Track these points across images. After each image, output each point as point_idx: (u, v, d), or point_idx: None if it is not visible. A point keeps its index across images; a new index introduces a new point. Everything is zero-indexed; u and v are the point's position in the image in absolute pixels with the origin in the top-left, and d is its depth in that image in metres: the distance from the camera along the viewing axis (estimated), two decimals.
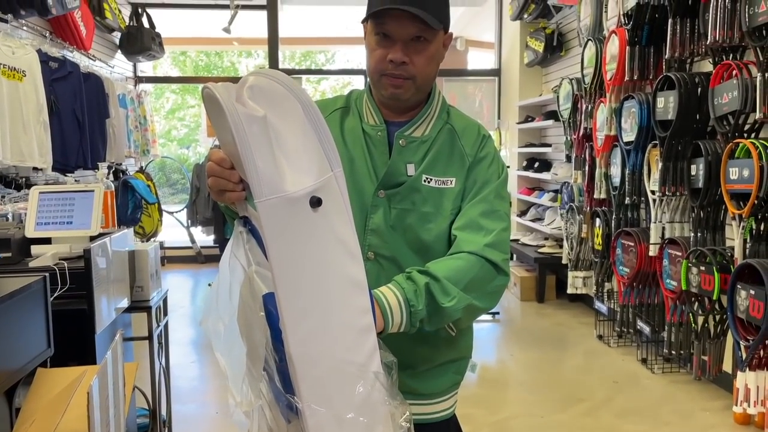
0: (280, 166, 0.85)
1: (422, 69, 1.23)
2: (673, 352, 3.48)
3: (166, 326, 2.70)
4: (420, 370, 1.31)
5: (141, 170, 6.55)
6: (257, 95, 0.87)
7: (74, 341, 1.89)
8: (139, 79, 7.26)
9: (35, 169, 4.26)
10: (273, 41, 6.99)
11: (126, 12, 6.60)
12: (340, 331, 0.90)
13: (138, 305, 2.42)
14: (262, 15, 6.96)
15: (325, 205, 0.87)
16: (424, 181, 1.28)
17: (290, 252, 0.86)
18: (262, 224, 0.85)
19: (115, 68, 6.34)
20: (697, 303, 3.24)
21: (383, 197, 1.27)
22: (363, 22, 1.25)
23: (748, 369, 2.71)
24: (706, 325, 3.21)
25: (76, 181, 3.57)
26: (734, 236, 2.89)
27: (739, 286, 2.75)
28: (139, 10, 6.50)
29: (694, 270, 3.13)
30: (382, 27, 1.20)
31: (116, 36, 6.41)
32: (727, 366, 3.24)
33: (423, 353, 1.30)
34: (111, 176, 5.61)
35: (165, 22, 7.11)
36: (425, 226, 1.27)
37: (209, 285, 6.06)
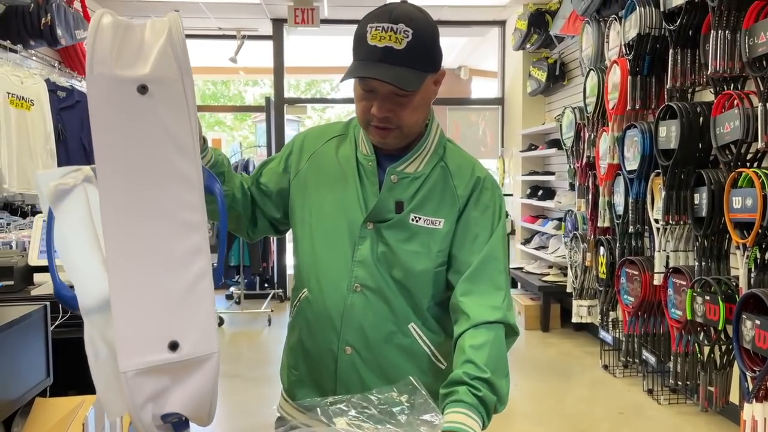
0: (120, 55, 0.88)
1: (408, 119, 1.22)
2: (680, 382, 3.43)
3: None
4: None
5: None
6: (143, 22, 0.95)
7: (74, 370, 1.88)
8: None
9: None
10: (278, 70, 7.07)
11: None
12: (158, 218, 0.88)
13: None
14: (268, 45, 7.06)
15: (155, 93, 0.89)
16: (412, 219, 1.26)
17: (111, 131, 0.87)
18: (89, 99, 0.88)
19: None
20: (702, 333, 3.20)
21: (371, 229, 1.26)
22: (342, 80, 1.22)
23: (755, 400, 2.67)
24: (712, 355, 3.18)
25: None
26: (739, 265, 2.87)
27: (744, 316, 2.72)
28: None
29: (699, 299, 3.11)
30: (363, 82, 1.19)
31: None
32: (734, 397, 3.19)
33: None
34: None
35: None
36: (410, 264, 1.25)
37: None
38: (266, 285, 7.04)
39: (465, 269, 1.24)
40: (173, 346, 0.86)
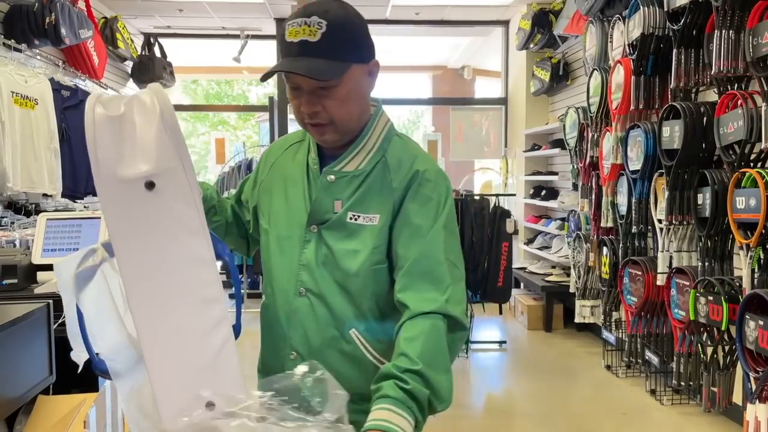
0: (122, 155, 0.93)
1: (337, 112, 1.18)
2: (683, 383, 3.43)
3: None
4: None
5: None
6: (130, 101, 0.97)
7: (76, 368, 1.89)
8: None
9: (45, 195, 4.31)
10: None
11: (138, 42, 6.71)
12: (181, 299, 0.95)
13: None
14: (272, 44, 7.07)
15: (162, 188, 0.94)
16: (351, 218, 1.22)
17: (128, 228, 0.93)
18: (99, 197, 0.94)
19: None
20: (705, 333, 3.20)
21: (315, 232, 1.24)
22: (262, 80, 1.23)
23: (758, 401, 2.66)
24: (716, 355, 3.17)
25: (85, 207, 3.60)
26: (742, 266, 2.86)
27: (747, 316, 2.71)
28: (151, 39, 6.62)
29: (702, 300, 3.10)
30: (288, 80, 1.18)
31: (128, 65, 6.51)
32: (737, 398, 3.19)
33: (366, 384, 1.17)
34: None
35: (176, 51, 7.23)
36: (348, 264, 1.21)
37: None
38: None
39: (404, 264, 1.19)
40: (209, 405, 0.92)
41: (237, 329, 1.04)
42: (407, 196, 1.22)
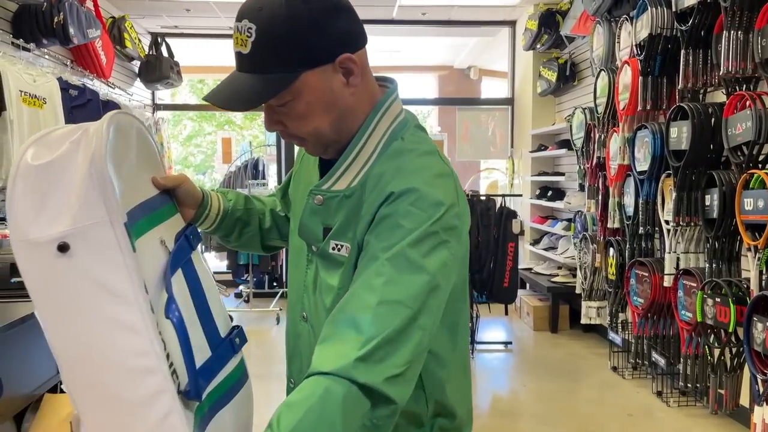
0: (38, 212, 0.82)
1: (300, 129, 0.97)
2: (689, 385, 3.41)
3: None
4: None
5: None
6: (77, 140, 0.87)
7: None
8: (157, 107, 7.37)
9: None
10: None
11: (146, 41, 6.74)
12: (107, 370, 0.84)
13: None
14: None
15: (77, 250, 0.82)
16: (333, 248, 0.99)
17: (41, 294, 0.84)
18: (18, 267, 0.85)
19: (133, 96, 6.45)
20: (713, 335, 3.18)
21: (317, 252, 1.03)
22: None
23: (765, 403, 2.65)
24: (723, 357, 3.16)
25: None
26: (750, 267, 2.85)
27: (755, 318, 2.70)
28: (159, 39, 6.63)
29: (710, 301, 3.09)
30: None
31: (135, 64, 6.53)
32: (745, 400, 3.17)
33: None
34: None
35: (184, 51, 7.25)
36: (326, 299, 1.01)
37: None
38: (275, 284, 7.06)
39: (337, 309, 0.91)
40: None
41: (193, 391, 0.89)
42: (372, 224, 0.94)
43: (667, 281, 3.55)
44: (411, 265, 0.88)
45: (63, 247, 0.81)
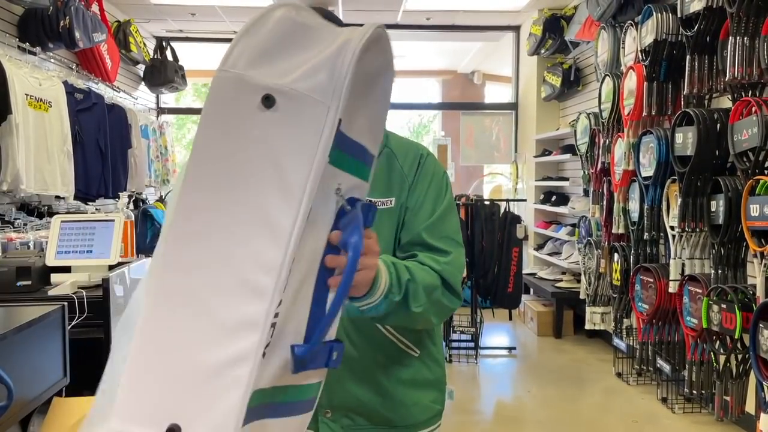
0: (271, 57, 0.73)
1: None
2: (694, 391, 3.40)
3: None
4: (393, 397, 1.28)
5: (161, 199, 6.63)
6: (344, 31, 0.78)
7: (90, 370, 1.90)
8: (161, 111, 7.39)
9: (57, 197, 4.34)
10: None
11: (150, 45, 6.76)
12: (221, 268, 0.71)
13: None
14: None
15: (281, 114, 0.71)
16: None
17: (211, 142, 0.72)
18: (207, 96, 0.74)
19: (138, 99, 6.47)
20: (718, 341, 3.17)
21: None
22: None
23: None
24: (728, 364, 3.14)
25: (96, 209, 3.63)
26: (756, 274, 2.84)
27: (761, 324, 2.69)
28: (164, 43, 6.66)
29: (715, 308, 3.08)
30: None
31: (140, 68, 6.55)
32: (750, 407, 3.16)
33: (390, 376, 1.29)
34: (131, 205, 5.69)
35: (188, 55, 7.27)
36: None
37: None
38: None
39: (414, 238, 1.25)
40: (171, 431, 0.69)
41: (297, 362, 0.77)
42: (416, 178, 1.30)
43: (673, 287, 3.54)
44: (454, 208, 1.34)
45: (268, 99, 0.71)
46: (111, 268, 2.20)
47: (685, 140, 3.34)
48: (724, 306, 3.01)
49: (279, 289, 0.71)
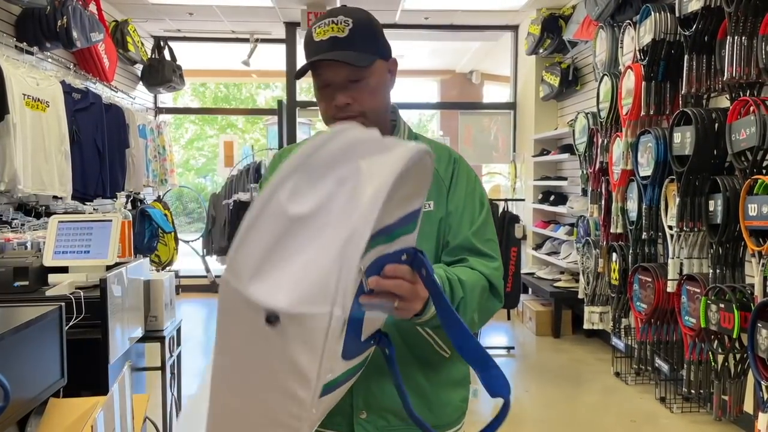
0: (265, 267, 0.76)
1: (368, 103, 1.25)
2: (693, 391, 3.40)
3: (179, 356, 2.70)
4: (430, 398, 1.30)
5: (158, 199, 6.62)
6: (322, 174, 0.79)
7: (88, 370, 1.89)
8: (159, 110, 7.38)
9: (55, 197, 4.33)
10: (291, 74, 7.09)
11: (148, 45, 6.75)
12: (259, 420, 0.85)
13: (152, 335, 2.42)
14: (281, 48, 7.09)
15: (287, 330, 0.76)
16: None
17: (226, 336, 0.82)
18: (219, 301, 0.80)
19: (136, 99, 6.46)
20: (716, 341, 3.17)
21: None
22: (296, 78, 1.32)
23: None
24: (727, 363, 3.15)
25: (94, 209, 3.62)
26: (754, 273, 2.84)
27: (759, 324, 2.69)
28: (161, 43, 6.65)
29: (714, 307, 3.08)
30: (319, 78, 1.23)
31: (138, 68, 6.54)
32: (749, 406, 3.16)
33: (428, 376, 1.30)
34: (129, 205, 5.68)
35: (186, 54, 7.26)
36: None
37: None
38: None
39: (460, 242, 1.28)
40: None
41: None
42: (453, 182, 1.33)
43: (671, 287, 3.54)
44: (490, 216, 1.37)
45: (272, 320, 0.76)
46: (108, 268, 2.19)
47: (684, 140, 3.34)
48: (722, 305, 3.01)
49: (311, 421, 0.85)
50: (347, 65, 1.19)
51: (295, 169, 0.78)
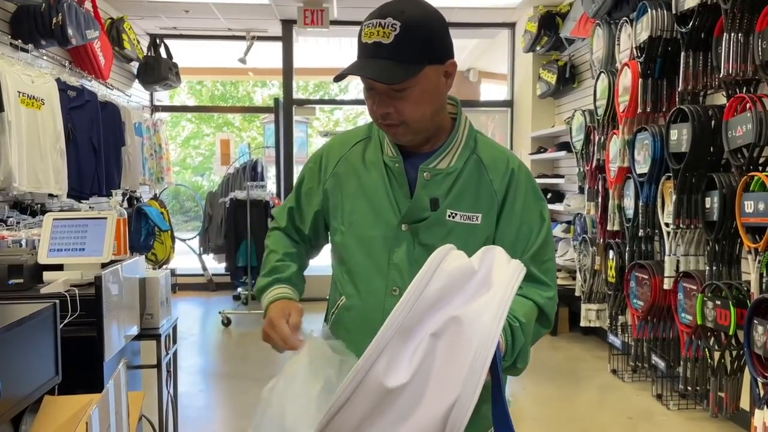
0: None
1: (410, 113, 1.19)
2: (689, 388, 3.41)
3: (175, 354, 2.69)
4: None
5: (155, 197, 6.61)
6: (417, 327, 0.77)
7: (83, 368, 1.88)
8: (155, 108, 7.36)
9: (50, 195, 4.31)
10: (287, 72, 7.08)
11: (144, 42, 6.73)
12: None
13: (147, 333, 2.42)
14: (277, 46, 7.07)
15: None
16: (449, 216, 1.24)
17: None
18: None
19: (132, 97, 6.44)
20: (713, 338, 3.18)
21: (407, 231, 1.25)
22: (336, 80, 1.23)
23: (766, 407, 2.64)
24: (723, 360, 3.15)
25: (90, 207, 3.61)
26: (750, 270, 2.84)
27: (756, 321, 2.70)
28: (157, 40, 6.63)
29: (710, 304, 3.08)
30: (365, 82, 1.19)
31: (134, 66, 6.53)
32: (745, 403, 3.16)
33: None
34: (125, 203, 5.66)
35: (182, 52, 7.24)
36: None
37: (219, 312, 6.04)
38: None
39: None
40: None
41: None
42: (508, 197, 1.27)
43: (667, 284, 3.55)
44: (550, 231, 1.32)
45: None
46: (104, 266, 2.18)
47: (680, 137, 3.35)
48: (718, 302, 3.01)
49: None
50: None
51: (391, 336, 0.75)
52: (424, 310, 0.78)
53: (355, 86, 14.39)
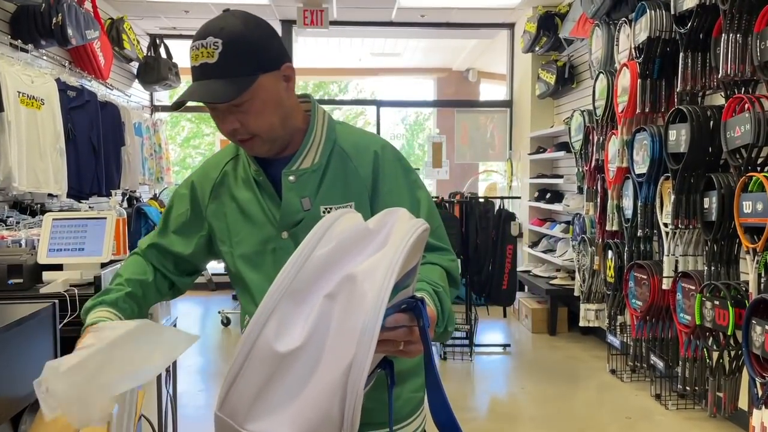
0: (266, 402, 0.73)
1: (256, 125, 1.18)
2: (688, 388, 3.41)
3: None
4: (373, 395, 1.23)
5: (155, 197, 6.61)
6: (308, 290, 0.75)
7: None
8: (155, 108, 7.37)
9: (50, 195, 4.32)
10: None
11: (144, 43, 6.73)
12: None
13: None
14: None
15: None
16: (323, 212, 1.23)
17: None
18: None
19: (132, 97, 6.45)
20: (711, 338, 3.18)
21: (288, 238, 1.24)
22: (173, 109, 1.20)
23: (764, 407, 2.65)
24: (721, 360, 3.15)
25: (90, 207, 3.62)
26: (749, 270, 2.85)
27: (754, 321, 2.70)
28: (157, 41, 6.63)
29: (708, 304, 3.09)
30: (204, 102, 1.17)
31: (134, 66, 6.53)
32: (743, 403, 3.17)
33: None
34: (125, 203, 5.67)
35: (182, 52, 7.24)
36: None
37: (219, 312, 6.05)
38: None
39: None
40: None
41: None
42: (378, 178, 1.26)
43: (666, 284, 3.55)
44: (431, 202, 1.31)
45: None
46: (103, 265, 2.19)
47: (679, 137, 3.35)
48: (717, 302, 3.02)
49: None
50: None
51: (278, 299, 0.74)
52: (315, 273, 0.76)
53: (355, 86, 14.39)
